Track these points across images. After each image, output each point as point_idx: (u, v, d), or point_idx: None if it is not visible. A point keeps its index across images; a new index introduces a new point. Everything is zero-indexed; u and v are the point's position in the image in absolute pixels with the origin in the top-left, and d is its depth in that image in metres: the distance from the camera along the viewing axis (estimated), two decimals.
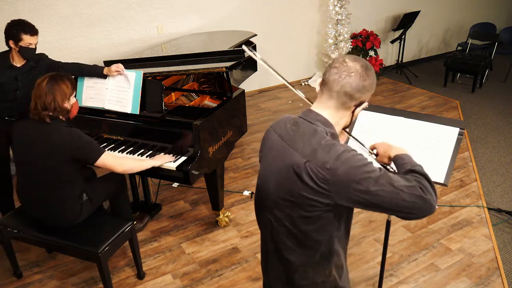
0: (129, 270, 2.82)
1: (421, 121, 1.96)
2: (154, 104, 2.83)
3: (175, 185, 3.79)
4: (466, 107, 5.45)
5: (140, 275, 2.73)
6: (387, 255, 2.27)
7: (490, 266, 2.81)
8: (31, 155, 2.31)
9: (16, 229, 2.52)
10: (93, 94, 2.93)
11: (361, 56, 4.70)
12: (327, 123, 1.31)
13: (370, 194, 1.17)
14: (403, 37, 6.25)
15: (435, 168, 1.88)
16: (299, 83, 6.23)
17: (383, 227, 2.90)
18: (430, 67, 7.09)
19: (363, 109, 1.35)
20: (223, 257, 2.93)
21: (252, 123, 4.93)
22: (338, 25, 5.80)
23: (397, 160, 1.39)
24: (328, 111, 1.32)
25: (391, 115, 2.02)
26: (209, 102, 3.27)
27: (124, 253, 2.95)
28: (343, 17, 5.75)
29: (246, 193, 3.63)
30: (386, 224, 2.20)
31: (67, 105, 2.32)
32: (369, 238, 3.09)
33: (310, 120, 1.32)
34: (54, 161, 2.27)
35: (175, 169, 2.61)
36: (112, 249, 2.44)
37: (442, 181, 1.86)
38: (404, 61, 6.73)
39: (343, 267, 1.44)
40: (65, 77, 2.34)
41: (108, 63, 2.97)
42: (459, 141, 1.87)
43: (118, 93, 2.86)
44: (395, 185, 1.16)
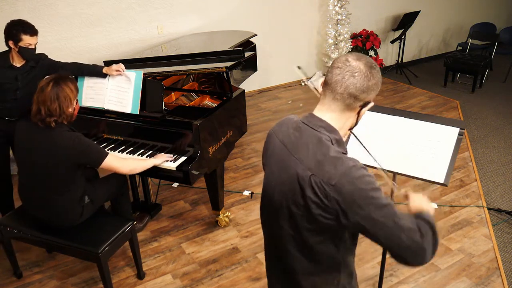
0: (129, 270, 2.82)
1: (421, 121, 1.96)
2: (154, 104, 2.83)
3: (175, 185, 3.79)
4: (466, 107, 5.45)
5: (140, 275, 2.73)
6: (387, 255, 2.27)
7: (490, 266, 2.81)
8: (33, 158, 2.29)
9: (16, 229, 2.52)
10: (93, 94, 2.93)
11: None
12: (331, 129, 1.24)
13: (369, 221, 1.12)
14: (403, 37, 6.25)
15: (435, 168, 1.88)
16: (299, 83, 6.23)
17: None
18: (430, 67, 7.09)
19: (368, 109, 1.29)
20: (223, 257, 2.93)
21: (252, 123, 4.93)
22: (338, 25, 5.80)
23: (421, 213, 1.27)
24: (332, 114, 1.25)
25: (391, 115, 2.03)
26: (209, 102, 3.27)
27: (124, 253, 2.95)
28: (343, 17, 5.75)
29: (246, 193, 3.63)
30: None
31: (71, 109, 2.29)
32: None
33: (313, 127, 1.25)
34: (57, 165, 2.25)
35: (175, 169, 2.61)
36: (112, 249, 2.44)
37: (442, 181, 1.86)
38: (404, 61, 6.73)
39: (352, 274, 1.40)
40: (68, 80, 2.29)
41: (108, 63, 2.97)
42: (459, 141, 1.87)
43: (118, 93, 2.86)
44: (396, 221, 1.11)
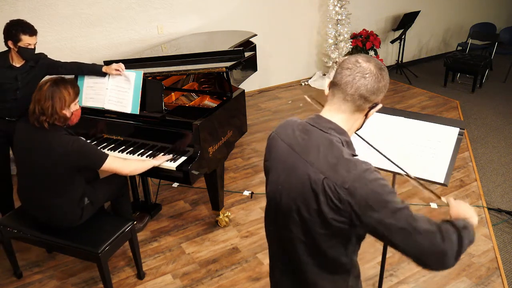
0: (129, 270, 2.82)
1: (421, 121, 1.96)
2: (154, 104, 2.83)
3: (175, 185, 3.79)
4: (466, 107, 5.45)
5: (140, 275, 2.73)
6: (387, 255, 2.27)
7: (490, 266, 2.81)
8: (31, 159, 2.28)
9: (16, 229, 2.52)
10: (93, 94, 2.93)
11: None
12: (340, 131, 1.22)
13: (384, 225, 1.10)
14: (403, 37, 6.25)
15: (435, 168, 1.88)
16: (299, 83, 6.23)
17: None
18: (430, 67, 7.09)
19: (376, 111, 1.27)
20: (223, 257, 2.93)
21: (252, 123, 4.93)
22: (338, 25, 5.80)
23: (457, 220, 1.23)
24: (343, 115, 1.23)
25: (391, 115, 2.02)
26: (209, 102, 3.26)
27: (124, 253, 2.95)
28: (343, 17, 5.75)
29: (246, 193, 3.63)
30: None
31: (66, 112, 2.24)
32: (369, 238, 3.04)
33: (323, 129, 1.22)
34: (56, 167, 2.23)
35: (175, 169, 2.61)
36: (112, 249, 2.44)
37: (442, 181, 1.86)
38: (404, 61, 6.73)
39: (359, 275, 1.40)
40: (68, 84, 2.26)
41: (108, 63, 2.97)
42: (459, 141, 1.87)
43: (118, 93, 2.86)
44: (412, 224, 1.09)
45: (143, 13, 4.67)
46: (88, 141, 2.92)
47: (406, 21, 6.24)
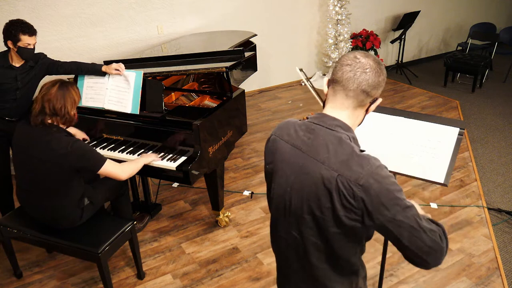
0: (129, 270, 2.82)
1: (421, 121, 1.96)
2: (154, 104, 2.83)
3: (175, 185, 3.79)
4: (466, 107, 5.45)
5: (140, 275, 2.73)
6: (387, 255, 2.27)
7: (490, 266, 2.81)
8: (31, 161, 2.27)
9: (16, 229, 2.52)
10: (93, 94, 2.93)
11: None
12: (346, 128, 1.22)
13: (394, 223, 1.11)
14: (403, 37, 6.25)
15: (435, 168, 1.88)
16: (299, 83, 6.23)
17: None
18: (430, 67, 7.09)
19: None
20: (223, 257, 2.93)
21: (252, 123, 4.93)
22: (338, 25, 5.80)
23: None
24: (346, 112, 1.23)
25: (391, 115, 2.02)
26: (209, 102, 3.26)
27: (124, 253, 2.95)
28: (343, 17, 5.75)
29: (246, 193, 3.63)
30: None
31: (74, 112, 2.29)
32: None
33: (329, 126, 1.22)
34: (55, 169, 2.23)
35: (175, 169, 2.61)
36: (112, 249, 2.44)
37: (442, 181, 1.86)
38: (404, 61, 6.74)
39: (366, 276, 1.40)
40: (74, 85, 2.32)
41: (108, 63, 2.96)
42: (459, 141, 1.87)
43: (118, 93, 2.86)
44: (419, 223, 1.11)
45: (143, 13, 4.67)
46: (88, 141, 2.92)
47: (406, 21, 6.24)
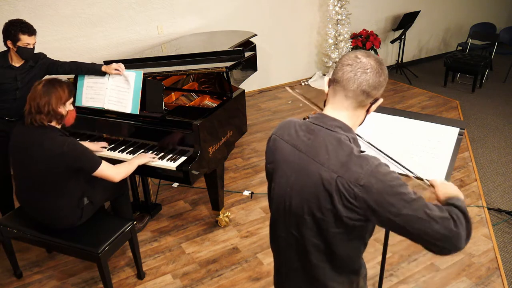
0: (129, 270, 2.82)
1: (421, 121, 1.96)
2: (154, 104, 2.83)
3: (175, 185, 3.79)
4: (466, 107, 5.45)
5: (140, 275, 2.73)
6: (387, 255, 2.27)
7: (490, 266, 2.81)
8: (28, 161, 2.26)
9: (16, 229, 2.52)
10: (93, 94, 2.93)
11: None
12: (346, 128, 1.21)
13: (400, 217, 1.10)
14: (403, 37, 6.25)
15: (435, 168, 1.88)
16: (299, 83, 6.23)
17: None
18: (430, 67, 7.09)
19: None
20: (223, 257, 2.93)
21: (252, 123, 4.93)
22: (338, 25, 5.80)
23: (450, 199, 1.26)
24: (346, 112, 1.22)
25: (391, 115, 2.02)
26: (209, 102, 3.26)
27: (124, 253, 2.95)
28: (343, 17, 5.75)
29: (246, 193, 3.63)
30: None
31: (62, 110, 2.26)
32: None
33: (329, 127, 1.21)
34: (51, 169, 2.23)
35: (175, 169, 2.61)
36: (112, 249, 2.44)
37: None
38: (404, 61, 6.74)
39: (366, 275, 1.40)
40: (63, 83, 2.29)
41: (108, 63, 2.96)
42: (459, 141, 1.87)
43: (118, 93, 2.86)
44: (428, 213, 1.10)
45: (143, 13, 4.67)
46: (88, 141, 2.92)
47: (406, 21, 6.24)
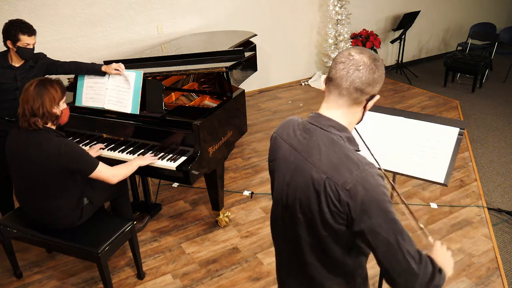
0: (129, 270, 2.82)
1: (421, 121, 1.96)
2: (154, 104, 2.83)
3: (175, 185, 3.79)
4: (466, 107, 5.45)
5: (140, 275, 2.73)
6: None
7: (490, 266, 2.81)
8: (26, 164, 2.25)
9: (16, 229, 2.52)
10: (93, 94, 2.92)
11: None
12: (340, 128, 1.21)
13: (373, 233, 1.10)
14: (403, 37, 6.25)
15: (435, 168, 1.88)
16: (299, 83, 6.23)
17: None
18: (430, 67, 7.09)
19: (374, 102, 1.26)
20: (223, 257, 2.93)
21: (252, 123, 4.93)
22: (338, 25, 5.80)
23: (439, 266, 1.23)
24: (341, 110, 1.21)
25: (391, 115, 2.02)
26: (209, 102, 3.26)
27: (124, 253, 2.95)
28: (343, 17, 5.75)
29: (246, 193, 3.63)
30: None
31: (56, 110, 2.23)
32: None
33: (323, 127, 1.21)
34: (49, 171, 2.21)
35: (175, 169, 2.61)
36: (112, 249, 2.44)
37: (442, 181, 1.86)
38: (404, 61, 6.74)
39: (366, 276, 1.39)
40: (54, 82, 2.25)
41: (108, 63, 2.96)
42: (459, 141, 1.87)
43: (118, 93, 2.86)
44: (399, 241, 1.09)
45: (143, 13, 4.67)
46: (88, 141, 2.92)
47: (406, 21, 6.24)
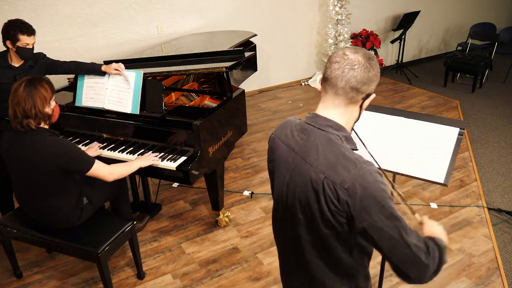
0: (129, 270, 2.82)
1: (421, 121, 1.96)
2: (154, 104, 2.83)
3: (175, 185, 3.79)
4: (466, 107, 5.45)
5: (140, 275, 2.73)
6: None
7: (490, 266, 2.81)
8: (23, 165, 2.25)
9: (16, 229, 2.52)
10: (93, 94, 2.93)
11: None
12: (338, 127, 1.21)
13: (375, 230, 1.10)
14: (403, 37, 6.25)
15: (435, 168, 1.88)
16: (299, 83, 6.23)
17: None
18: (430, 67, 7.09)
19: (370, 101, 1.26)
20: (223, 257, 2.93)
21: (252, 123, 4.93)
22: (338, 25, 5.80)
23: (434, 238, 1.26)
24: (338, 110, 1.22)
25: (391, 115, 2.02)
26: (209, 102, 3.26)
27: (124, 253, 2.95)
28: (343, 17, 5.75)
29: (246, 193, 3.63)
30: None
31: (48, 109, 2.21)
32: None
33: (320, 127, 1.22)
34: (46, 172, 2.21)
35: (175, 169, 2.61)
36: (112, 249, 2.44)
37: (442, 181, 1.86)
38: (404, 61, 6.73)
39: (368, 276, 1.39)
40: (43, 80, 2.22)
41: (108, 63, 2.96)
42: (459, 141, 1.87)
43: (118, 93, 2.86)
44: (403, 236, 1.10)
45: (143, 13, 4.67)
46: (88, 141, 2.92)
47: (406, 21, 6.24)
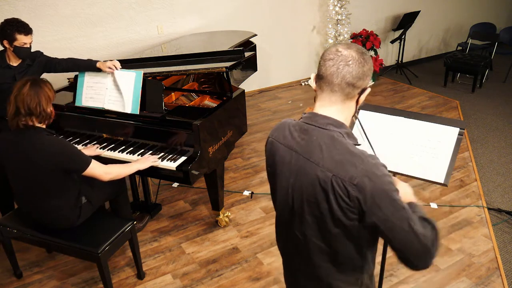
0: (129, 270, 2.82)
1: (421, 121, 1.96)
2: (154, 104, 2.83)
3: (175, 185, 3.79)
4: (466, 107, 5.45)
5: (140, 275, 2.73)
6: (387, 255, 2.27)
7: (490, 266, 2.81)
8: (21, 165, 2.25)
9: (16, 229, 2.52)
10: (93, 94, 2.93)
11: None
12: (338, 124, 1.21)
13: (386, 223, 1.12)
14: (403, 37, 6.25)
15: (435, 168, 1.88)
16: (299, 83, 6.23)
17: None
18: (430, 67, 7.09)
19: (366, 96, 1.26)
20: (223, 257, 2.93)
21: (252, 123, 4.93)
22: (338, 25, 5.80)
23: (411, 205, 1.27)
24: (335, 107, 1.22)
25: (391, 115, 2.02)
26: (209, 102, 3.26)
27: (124, 253, 2.95)
28: (343, 17, 5.75)
29: (246, 193, 3.63)
30: None
31: (50, 109, 2.25)
32: None
33: (321, 126, 1.21)
34: (45, 172, 2.21)
35: (175, 169, 2.61)
36: (112, 249, 2.44)
37: (442, 181, 1.86)
38: (404, 61, 6.73)
39: (373, 273, 1.39)
40: (46, 82, 2.27)
41: None
42: (459, 141, 1.87)
43: (118, 93, 2.86)
44: (411, 226, 1.12)
45: (143, 13, 4.67)
46: (88, 141, 2.92)
47: (406, 21, 6.24)
